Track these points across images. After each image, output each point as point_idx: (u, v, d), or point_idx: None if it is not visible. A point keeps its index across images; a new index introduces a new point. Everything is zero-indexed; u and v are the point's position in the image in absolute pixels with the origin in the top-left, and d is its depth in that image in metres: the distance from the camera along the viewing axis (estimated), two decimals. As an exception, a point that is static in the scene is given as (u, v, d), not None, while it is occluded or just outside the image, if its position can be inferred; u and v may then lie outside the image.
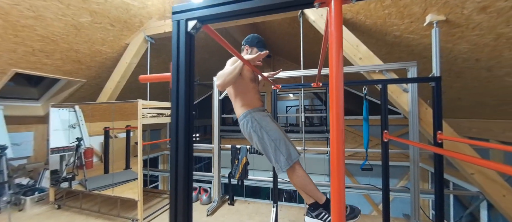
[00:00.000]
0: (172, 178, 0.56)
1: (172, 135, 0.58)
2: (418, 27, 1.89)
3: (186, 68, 0.58)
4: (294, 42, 3.96)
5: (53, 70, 2.98)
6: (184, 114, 0.57)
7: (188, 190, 0.56)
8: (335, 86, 0.45)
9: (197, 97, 6.55)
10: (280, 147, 1.21)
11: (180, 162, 0.56)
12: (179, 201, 0.54)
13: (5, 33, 2.21)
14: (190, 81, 0.60)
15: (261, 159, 5.57)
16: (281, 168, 1.20)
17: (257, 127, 1.26)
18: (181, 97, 0.58)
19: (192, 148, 0.60)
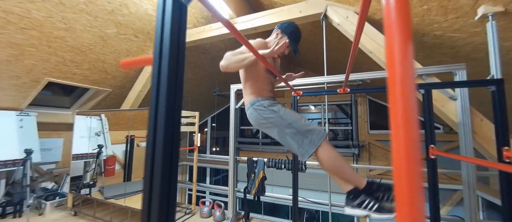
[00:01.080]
0: (145, 194, 0.41)
1: (148, 138, 0.44)
2: (466, 23, 1.61)
3: (172, 50, 0.45)
4: (315, 50, 3.78)
5: (82, 80, 3.15)
6: (165, 112, 0.43)
7: (167, 212, 0.40)
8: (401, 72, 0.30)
9: (216, 109, 6.57)
10: (300, 128, 1.03)
11: (157, 173, 0.41)
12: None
13: (40, 44, 2.37)
14: (178, 67, 0.46)
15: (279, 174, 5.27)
16: (306, 151, 1.00)
17: (267, 112, 1.10)
18: (162, 85, 0.44)
19: (176, 156, 0.44)
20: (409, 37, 0.31)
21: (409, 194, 0.27)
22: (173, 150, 0.46)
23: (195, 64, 4.05)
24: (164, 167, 0.43)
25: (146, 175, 0.43)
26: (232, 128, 2.75)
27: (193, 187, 3.08)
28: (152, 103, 0.45)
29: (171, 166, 0.44)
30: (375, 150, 4.73)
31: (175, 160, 0.47)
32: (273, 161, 2.55)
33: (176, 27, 0.46)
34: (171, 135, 0.45)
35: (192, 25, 3.11)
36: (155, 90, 0.45)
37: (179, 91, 0.49)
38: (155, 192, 0.41)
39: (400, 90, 0.30)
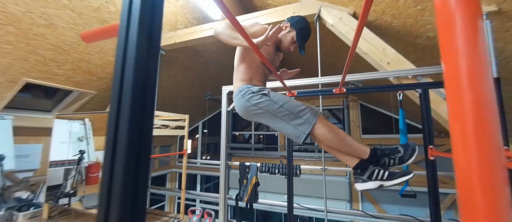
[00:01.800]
0: (101, 208, 0.31)
1: (108, 134, 0.33)
2: (460, 23, 1.61)
3: (144, 12, 0.35)
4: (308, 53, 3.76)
5: (64, 81, 2.97)
6: (131, 98, 0.32)
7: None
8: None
9: (208, 113, 6.43)
10: (292, 109, 0.97)
11: (117, 179, 0.31)
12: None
13: (17, 41, 2.21)
14: (152, 38, 0.37)
15: (273, 180, 5.15)
16: (303, 132, 0.94)
17: (257, 97, 1.03)
18: (129, 59, 0.34)
19: (147, 160, 0.34)
20: (479, 10, 0.24)
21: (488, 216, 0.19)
22: (142, 156, 0.34)
23: (186, 66, 3.94)
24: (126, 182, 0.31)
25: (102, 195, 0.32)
26: (224, 131, 2.64)
27: (182, 194, 2.92)
28: (114, 88, 0.35)
29: (137, 181, 0.33)
30: (368, 154, 4.72)
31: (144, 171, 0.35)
32: (267, 166, 2.45)
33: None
34: (138, 134, 0.34)
35: (184, 25, 3.03)
36: (120, 68, 0.36)
37: (152, 72, 0.38)
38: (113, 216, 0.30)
39: (469, 83, 0.23)
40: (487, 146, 0.21)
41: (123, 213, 0.31)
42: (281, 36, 1.16)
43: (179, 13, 2.87)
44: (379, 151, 0.95)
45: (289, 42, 1.15)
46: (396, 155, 0.94)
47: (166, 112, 2.69)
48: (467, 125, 0.22)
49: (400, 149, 0.96)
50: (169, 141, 6.54)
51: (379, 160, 0.94)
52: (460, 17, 0.24)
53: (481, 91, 0.22)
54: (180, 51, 3.48)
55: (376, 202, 4.47)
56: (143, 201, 0.35)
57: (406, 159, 0.94)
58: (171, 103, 4.76)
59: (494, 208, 0.20)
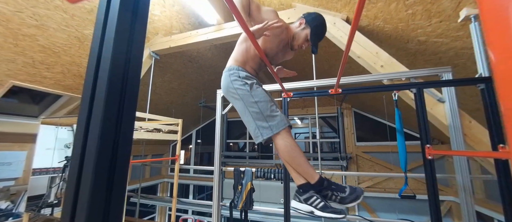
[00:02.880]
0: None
1: (78, 130, 0.29)
2: (449, 27, 1.66)
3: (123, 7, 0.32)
4: (301, 59, 3.81)
5: (53, 84, 2.88)
6: (106, 89, 0.28)
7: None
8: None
9: (201, 121, 6.34)
10: (263, 110, 0.97)
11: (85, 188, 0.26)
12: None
13: (5, 42, 2.14)
14: (138, 13, 0.33)
15: (268, 190, 5.04)
16: (261, 134, 0.95)
17: (239, 83, 1.02)
18: (107, 40, 0.31)
19: (124, 166, 0.29)
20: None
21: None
22: (117, 169, 0.29)
23: (181, 72, 3.91)
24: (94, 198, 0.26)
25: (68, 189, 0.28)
26: (218, 136, 2.58)
27: (173, 203, 2.80)
28: (90, 66, 0.31)
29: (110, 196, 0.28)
30: (362, 162, 4.71)
31: (120, 185, 0.28)
32: (262, 171, 2.39)
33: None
34: (113, 143, 0.29)
35: (179, 30, 3.03)
36: (97, 44, 0.32)
37: (133, 72, 0.33)
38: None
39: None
40: None
41: None
42: (295, 33, 1.13)
43: (174, 18, 2.88)
44: (326, 182, 0.98)
45: (303, 40, 1.12)
46: (339, 194, 0.97)
47: (159, 116, 2.62)
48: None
49: (346, 189, 0.97)
50: (161, 149, 6.38)
51: (322, 190, 0.97)
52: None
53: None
54: (174, 57, 3.46)
55: (373, 211, 4.41)
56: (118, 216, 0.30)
57: (347, 201, 0.96)
58: (164, 109, 4.68)
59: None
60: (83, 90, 0.35)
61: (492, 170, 1.58)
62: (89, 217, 0.28)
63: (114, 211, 0.30)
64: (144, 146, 5.46)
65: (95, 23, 0.37)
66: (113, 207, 0.31)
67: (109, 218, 0.30)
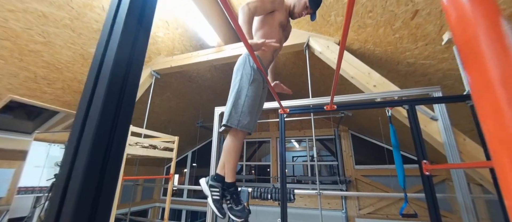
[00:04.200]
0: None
1: (72, 137, 0.30)
2: (435, 49, 1.77)
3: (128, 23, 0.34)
4: (298, 81, 3.93)
5: (52, 100, 2.90)
6: (102, 104, 0.30)
7: None
8: None
9: (198, 142, 6.26)
10: (246, 105, 1.08)
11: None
12: None
13: (11, 56, 2.21)
14: (140, 35, 0.36)
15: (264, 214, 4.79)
16: (226, 119, 1.07)
17: (245, 71, 1.13)
18: (108, 58, 0.33)
19: (113, 184, 0.30)
20: (497, 9, 0.21)
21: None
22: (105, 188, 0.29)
23: (180, 92, 3.98)
24: None
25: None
26: (214, 155, 2.54)
27: (164, 226, 2.63)
28: (89, 81, 0.33)
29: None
30: (362, 186, 4.59)
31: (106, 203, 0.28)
32: (259, 190, 2.32)
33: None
34: (103, 159, 0.29)
35: (180, 51, 3.17)
36: (98, 59, 0.34)
37: (130, 88, 0.35)
38: None
39: (504, 92, 0.19)
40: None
41: None
42: (294, 3, 1.23)
43: (177, 40, 3.03)
44: (233, 188, 1.14)
45: (302, 8, 1.21)
46: (233, 203, 1.13)
47: (155, 132, 2.60)
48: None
49: (240, 206, 1.13)
50: (155, 172, 6.18)
51: (226, 190, 1.14)
52: (481, 17, 0.21)
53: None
54: (174, 76, 3.55)
55: (375, 239, 4.17)
56: None
57: (232, 213, 1.12)
58: (162, 127, 4.65)
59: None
60: (80, 100, 0.35)
61: (492, 189, 1.56)
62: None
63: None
64: (137, 167, 5.29)
65: (99, 38, 0.39)
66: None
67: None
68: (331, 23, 2.13)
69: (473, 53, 0.21)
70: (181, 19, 2.69)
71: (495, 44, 0.20)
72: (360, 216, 4.33)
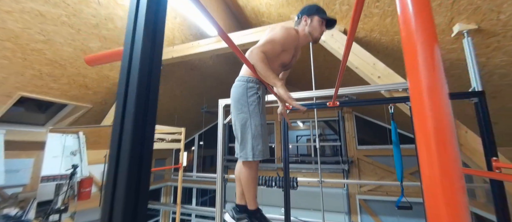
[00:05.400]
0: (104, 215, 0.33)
1: (112, 149, 0.36)
2: (443, 40, 1.70)
3: (146, 38, 0.39)
4: (302, 68, 3.86)
5: (59, 95, 2.97)
6: (134, 115, 0.36)
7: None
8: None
9: (204, 126, 6.41)
10: (255, 136, 1.06)
11: (119, 193, 0.33)
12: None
13: (14, 56, 2.23)
14: (154, 59, 0.40)
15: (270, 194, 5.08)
16: (242, 155, 1.08)
17: (247, 100, 1.08)
18: (133, 82, 0.37)
19: (147, 174, 0.36)
20: (435, 39, 0.27)
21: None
22: (143, 171, 0.37)
23: (183, 80, 3.99)
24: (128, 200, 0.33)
25: (106, 195, 0.35)
26: (220, 144, 2.64)
27: (177, 209, 2.86)
28: (119, 99, 0.38)
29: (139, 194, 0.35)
30: (364, 166, 4.74)
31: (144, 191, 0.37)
32: (264, 179, 2.45)
33: (153, 10, 0.41)
34: (139, 152, 0.36)
35: (181, 41, 3.10)
36: (123, 88, 0.39)
37: (153, 90, 0.42)
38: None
39: (429, 102, 0.26)
40: (447, 156, 0.24)
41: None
42: (309, 30, 1.15)
43: (176, 29, 2.95)
44: (259, 214, 1.14)
45: (319, 28, 1.14)
46: None
47: (163, 126, 2.69)
48: (429, 136, 0.25)
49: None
50: (164, 154, 6.46)
51: (252, 218, 1.14)
52: (420, 42, 0.27)
53: (439, 106, 0.25)
54: (177, 65, 3.53)
55: (375, 214, 4.43)
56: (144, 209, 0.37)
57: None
58: (167, 116, 4.76)
59: (454, 209, 0.22)
60: (116, 100, 0.41)
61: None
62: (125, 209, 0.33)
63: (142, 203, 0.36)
64: (147, 151, 5.54)
65: (124, 39, 0.42)
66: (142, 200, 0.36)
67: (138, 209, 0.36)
68: (336, 11, 2.03)
69: (413, 65, 0.27)
70: (179, 8, 2.59)
71: (427, 61, 0.26)
72: (360, 193, 4.55)
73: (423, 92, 0.26)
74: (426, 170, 0.24)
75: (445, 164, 0.23)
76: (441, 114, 0.25)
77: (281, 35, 1.07)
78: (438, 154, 0.24)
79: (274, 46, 1.06)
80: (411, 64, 0.27)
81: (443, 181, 0.23)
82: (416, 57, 0.27)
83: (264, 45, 1.03)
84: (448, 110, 0.25)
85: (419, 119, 0.26)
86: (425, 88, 0.26)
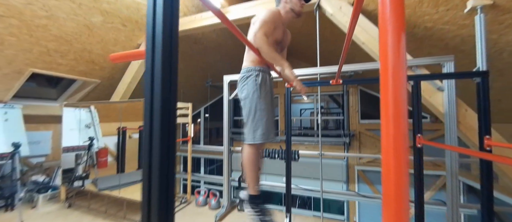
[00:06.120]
0: (145, 188, 0.43)
1: (145, 135, 0.44)
2: (456, 15, 1.63)
3: (165, 41, 0.44)
4: (308, 41, 3.75)
5: (68, 71, 3.03)
6: (160, 106, 0.43)
7: (167, 205, 0.42)
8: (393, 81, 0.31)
9: (209, 99, 6.52)
10: (256, 120, 1.13)
11: (155, 166, 0.42)
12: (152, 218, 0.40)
13: (20, 33, 2.24)
14: (172, 60, 0.46)
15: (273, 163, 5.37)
16: (245, 138, 1.15)
17: (253, 88, 1.15)
18: (156, 80, 0.44)
19: (173, 147, 0.45)
20: (402, 30, 0.31)
21: (396, 179, 0.28)
22: (170, 143, 0.47)
23: (187, 54, 3.96)
24: (162, 158, 0.44)
25: (145, 167, 0.44)
26: (226, 119, 2.76)
27: (188, 177, 3.12)
28: (147, 97, 0.45)
29: (168, 156, 0.45)
30: (365, 139, 4.87)
31: (172, 151, 0.47)
32: (267, 151, 2.60)
33: (168, 19, 0.45)
34: (167, 128, 0.45)
35: (183, 14, 3.01)
36: (149, 85, 0.45)
37: (173, 85, 0.48)
38: (154, 182, 0.42)
39: (391, 82, 0.30)
40: (399, 130, 0.29)
41: (161, 177, 0.43)
42: (290, 7, 1.21)
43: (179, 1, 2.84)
44: (258, 202, 1.17)
45: (298, 1, 1.20)
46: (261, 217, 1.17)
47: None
48: (389, 111, 0.30)
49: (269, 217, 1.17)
50: (172, 126, 6.70)
51: (254, 203, 1.18)
52: (391, 31, 0.32)
53: (398, 84, 0.30)
54: (180, 39, 3.47)
55: (371, 183, 4.70)
56: (172, 171, 0.47)
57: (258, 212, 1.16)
58: (173, 89, 4.83)
59: (399, 173, 0.29)
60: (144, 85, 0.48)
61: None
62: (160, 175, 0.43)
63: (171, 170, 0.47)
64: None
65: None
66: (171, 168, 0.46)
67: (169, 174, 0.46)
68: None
69: (384, 48, 0.32)
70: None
71: (395, 46, 0.31)
72: (359, 164, 4.77)
73: (389, 71, 0.31)
74: (385, 142, 0.31)
75: (398, 139, 0.29)
76: (399, 93, 0.30)
77: (268, 15, 1.14)
78: (394, 130, 0.30)
79: (268, 26, 1.11)
80: (383, 47, 0.32)
81: (395, 152, 0.29)
82: (386, 42, 0.31)
83: (262, 27, 1.08)
84: (404, 90, 0.31)
85: (383, 93, 0.31)
86: (391, 67, 0.31)
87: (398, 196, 0.29)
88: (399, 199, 0.29)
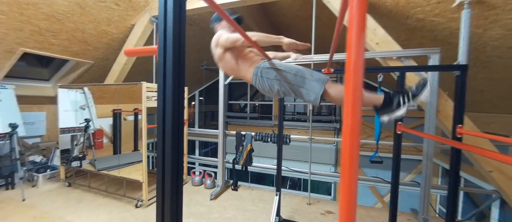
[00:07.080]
0: (159, 171, 0.51)
1: (158, 120, 0.52)
2: (446, 8, 1.70)
3: (175, 40, 0.51)
4: (305, 26, 3.75)
5: (61, 51, 2.98)
6: (172, 96, 0.51)
7: (177, 185, 0.51)
8: (353, 75, 0.36)
9: (204, 82, 6.50)
10: (305, 76, 1.07)
11: (168, 151, 0.51)
12: (166, 194, 0.49)
13: (10, 11, 2.18)
14: (180, 55, 0.53)
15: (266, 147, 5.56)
16: (317, 94, 1.03)
17: (273, 73, 1.13)
18: (168, 73, 0.51)
19: (182, 133, 0.54)
20: (363, 31, 0.35)
21: (350, 159, 0.37)
22: (179, 125, 0.55)
23: (182, 36, 3.90)
24: (173, 138, 0.53)
25: (159, 145, 0.53)
26: (221, 104, 2.83)
27: (184, 158, 3.23)
28: (160, 87, 0.53)
29: (178, 136, 0.54)
30: (355, 124, 5.06)
31: (181, 132, 0.57)
32: (260, 135, 2.72)
33: (177, 18, 0.52)
34: (177, 114, 0.54)
35: (178, -6, 2.94)
36: (162, 76, 0.53)
37: (181, 79, 0.56)
38: (167, 157, 0.51)
39: (353, 69, 0.35)
40: (355, 114, 0.36)
41: (173, 152, 0.53)
42: (223, 35, 1.21)
43: (173, -20, 2.76)
44: (391, 94, 1.01)
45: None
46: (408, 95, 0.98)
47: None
48: (349, 98, 0.35)
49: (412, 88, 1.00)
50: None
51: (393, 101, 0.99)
52: (355, 27, 0.35)
53: (357, 75, 0.35)
54: (175, 21, 3.41)
55: (359, 166, 4.98)
56: (181, 147, 0.56)
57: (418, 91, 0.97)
58: (168, 72, 4.80)
59: (351, 153, 0.37)
60: (158, 78, 0.56)
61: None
62: (172, 150, 0.53)
63: (181, 147, 0.56)
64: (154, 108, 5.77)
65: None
66: (180, 145, 0.56)
67: (179, 150, 0.55)
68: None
69: (350, 44, 0.36)
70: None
71: (357, 43, 0.35)
72: (349, 148, 5.01)
73: (351, 63, 0.35)
74: (346, 127, 0.39)
75: (354, 123, 0.36)
76: (357, 82, 0.35)
77: (225, 33, 1.23)
78: (352, 115, 0.36)
79: (233, 40, 1.16)
80: (350, 43, 0.36)
81: (351, 134, 0.37)
82: (351, 39, 0.36)
83: (230, 36, 1.16)
84: (361, 80, 0.36)
85: (347, 84, 0.37)
86: (353, 60, 0.35)
87: (351, 171, 0.37)
88: (352, 175, 0.37)
